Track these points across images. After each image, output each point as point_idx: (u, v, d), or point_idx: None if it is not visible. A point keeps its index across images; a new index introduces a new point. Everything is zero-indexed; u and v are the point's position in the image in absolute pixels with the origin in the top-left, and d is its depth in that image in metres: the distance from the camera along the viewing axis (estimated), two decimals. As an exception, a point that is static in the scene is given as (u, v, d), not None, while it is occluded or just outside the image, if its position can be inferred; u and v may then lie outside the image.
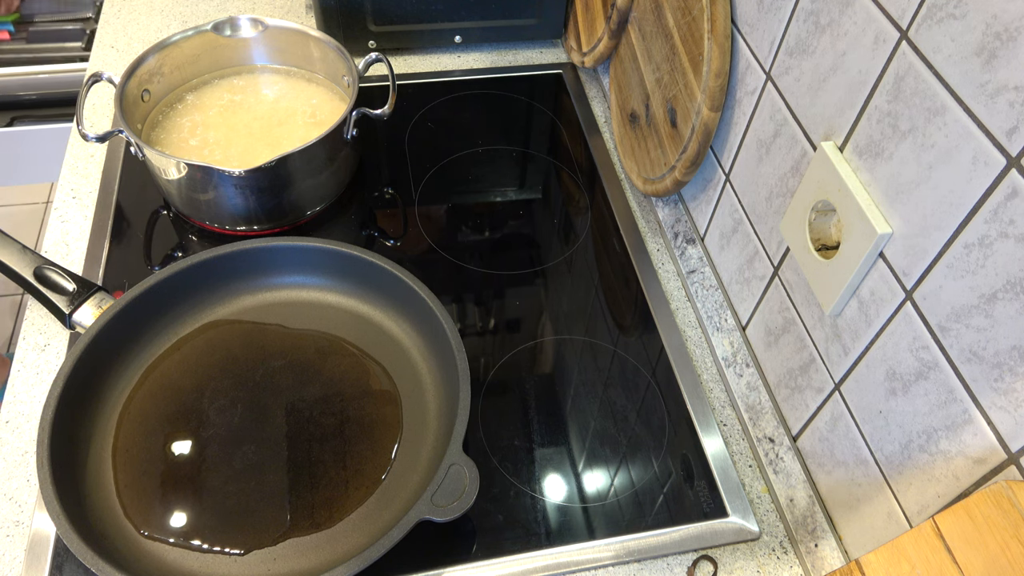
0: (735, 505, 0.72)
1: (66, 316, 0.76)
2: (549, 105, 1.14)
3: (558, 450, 0.76)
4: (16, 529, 0.68)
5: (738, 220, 0.80)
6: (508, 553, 0.69)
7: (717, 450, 0.76)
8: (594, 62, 1.08)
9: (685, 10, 0.81)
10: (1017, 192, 0.45)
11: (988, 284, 0.48)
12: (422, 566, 0.67)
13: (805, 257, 0.66)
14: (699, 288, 0.89)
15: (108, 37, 1.17)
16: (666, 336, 0.85)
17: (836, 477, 0.68)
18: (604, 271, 0.93)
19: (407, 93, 1.10)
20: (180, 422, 0.74)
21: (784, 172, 0.70)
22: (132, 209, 0.93)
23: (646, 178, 0.94)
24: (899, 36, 0.53)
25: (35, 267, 0.78)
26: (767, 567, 0.70)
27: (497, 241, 0.95)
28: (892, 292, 0.57)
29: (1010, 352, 0.47)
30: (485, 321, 0.87)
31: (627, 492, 0.73)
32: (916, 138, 0.53)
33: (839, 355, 0.65)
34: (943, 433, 0.54)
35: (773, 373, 0.77)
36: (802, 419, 0.72)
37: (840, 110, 0.61)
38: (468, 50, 1.20)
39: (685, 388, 0.81)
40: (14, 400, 0.77)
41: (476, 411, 0.78)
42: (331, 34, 0.97)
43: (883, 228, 0.56)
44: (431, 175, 1.01)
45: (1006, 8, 0.44)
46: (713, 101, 0.78)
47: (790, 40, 0.67)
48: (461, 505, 0.62)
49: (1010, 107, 0.45)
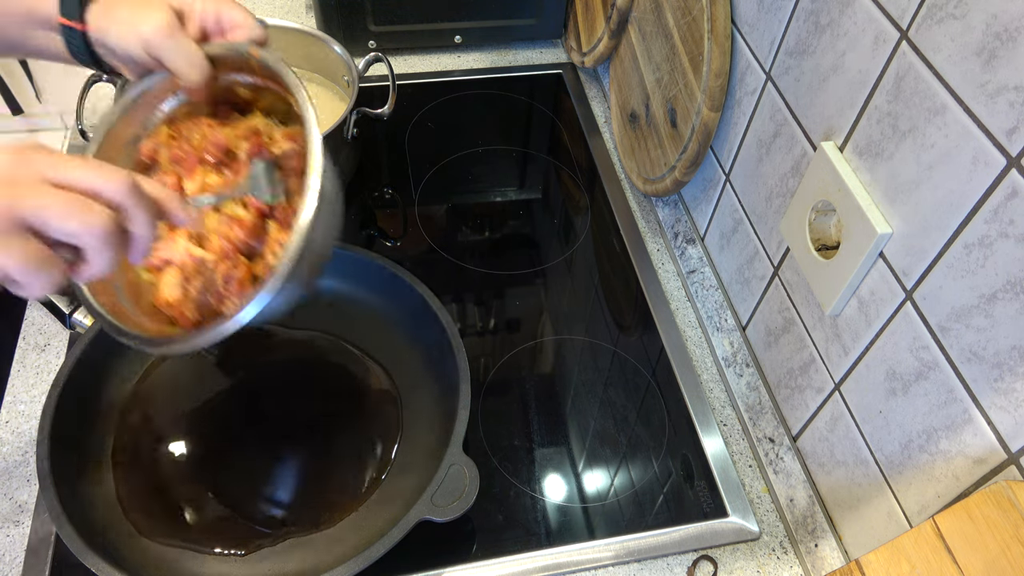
0: (735, 505, 0.72)
1: (66, 316, 0.76)
2: (549, 105, 1.14)
3: (558, 450, 0.76)
4: (16, 529, 0.68)
5: (738, 220, 0.80)
6: (508, 553, 0.69)
7: (717, 450, 0.76)
8: (594, 62, 1.08)
9: (685, 10, 0.81)
10: (1017, 192, 0.45)
11: (988, 284, 0.48)
12: (422, 566, 0.67)
13: (805, 257, 0.66)
14: (699, 288, 0.89)
15: (108, 37, 1.17)
16: (666, 336, 0.85)
17: (836, 477, 0.68)
18: (604, 271, 0.93)
19: (407, 93, 1.10)
20: (180, 422, 0.74)
21: (784, 172, 0.70)
22: (132, 209, 0.93)
23: (646, 178, 0.94)
24: (899, 36, 0.53)
25: (35, 267, 0.77)
26: (767, 567, 0.70)
27: (497, 241, 0.95)
28: (892, 292, 0.57)
29: (1010, 352, 0.47)
30: (485, 321, 0.87)
31: (627, 492, 0.73)
32: (916, 138, 0.53)
33: (839, 355, 0.65)
34: (943, 433, 0.54)
35: (773, 373, 0.77)
36: (802, 419, 0.72)
37: (840, 110, 0.61)
38: (468, 50, 1.20)
39: (685, 388, 0.81)
40: (14, 400, 0.77)
41: (476, 411, 0.78)
42: (331, 34, 0.97)
43: (883, 228, 0.56)
44: (431, 175, 1.01)
45: (1006, 8, 0.44)
46: (713, 101, 0.78)
47: (790, 40, 0.67)
48: (461, 505, 0.62)
49: (1010, 107, 0.45)
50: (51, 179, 0.41)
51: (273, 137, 0.62)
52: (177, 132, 0.63)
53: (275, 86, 0.61)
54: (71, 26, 0.56)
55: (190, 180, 0.61)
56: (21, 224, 0.39)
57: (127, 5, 0.57)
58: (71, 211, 0.40)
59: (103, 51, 0.58)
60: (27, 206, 0.39)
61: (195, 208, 0.58)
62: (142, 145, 0.62)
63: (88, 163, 0.43)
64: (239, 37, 0.58)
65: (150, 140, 0.63)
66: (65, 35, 0.57)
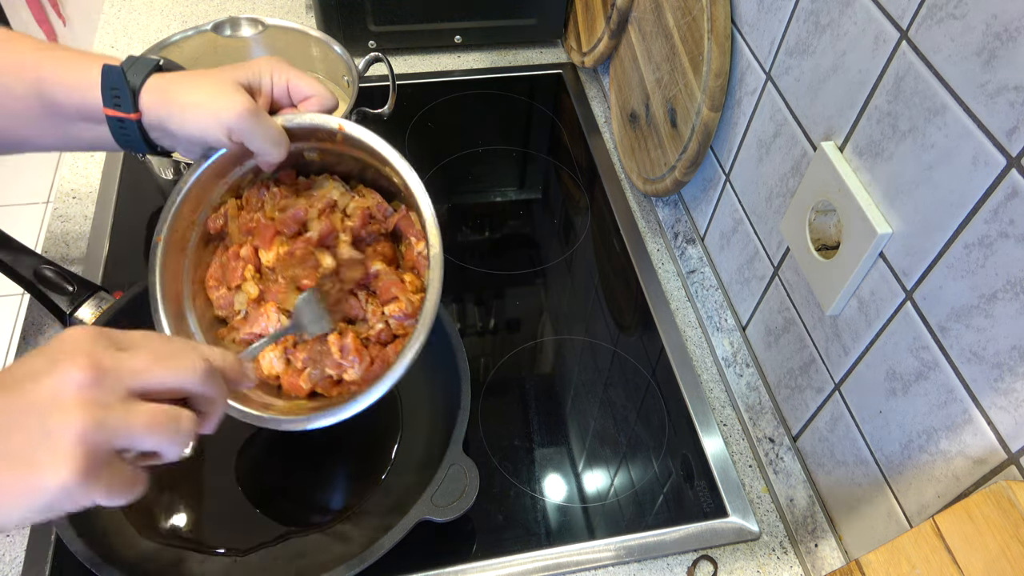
0: (735, 505, 0.72)
1: (66, 316, 0.76)
2: (549, 105, 1.14)
3: (558, 450, 0.76)
4: (16, 529, 0.68)
5: (738, 220, 0.80)
6: (508, 553, 0.69)
7: (717, 450, 0.76)
8: (594, 62, 1.08)
9: (685, 10, 0.81)
10: (1017, 192, 0.45)
11: (988, 284, 0.48)
12: (422, 566, 0.67)
13: (805, 257, 0.66)
14: (699, 288, 0.89)
15: (108, 37, 1.17)
16: (666, 336, 0.85)
17: (836, 477, 0.68)
18: (604, 271, 0.93)
19: (407, 93, 1.10)
20: (180, 422, 0.74)
21: (784, 172, 0.70)
22: (132, 209, 0.93)
23: (646, 178, 0.94)
24: (899, 36, 0.53)
25: (35, 267, 0.78)
26: (767, 567, 0.70)
27: (497, 241, 0.95)
28: (892, 292, 0.57)
29: (1010, 352, 0.47)
30: (485, 321, 0.87)
31: (627, 492, 0.73)
32: (916, 138, 0.53)
33: (839, 355, 0.65)
34: (943, 433, 0.54)
35: (773, 373, 0.77)
36: (802, 419, 0.72)
37: (840, 110, 0.61)
38: (468, 50, 1.20)
39: (685, 388, 0.81)
40: (14, 400, 0.76)
41: (476, 411, 0.78)
42: (331, 34, 0.97)
43: (883, 228, 0.56)
44: (431, 175, 1.01)
45: (1006, 8, 0.44)
46: (713, 101, 0.78)
47: (790, 40, 0.67)
48: (461, 505, 0.62)
49: (1010, 107, 0.45)
50: (135, 391, 0.40)
51: (347, 211, 0.64)
52: (246, 202, 0.64)
53: (357, 153, 0.62)
54: (122, 117, 0.55)
55: (267, 251, 0.62)
56: (112, 450, 0.39)
57: (192, 88, 0.55)
58: (156, 430, 0.40)
59: (159, 135, 0.57)
60: (119, 434, 0.38)
61: (251, 364, 0.60)
62: (208, 221, 0.64)
63: (161, 363, 0.41)
64: (312, 108, 0.58)
65: (217, 215, 0.64)
66: (114, 126, 0.55)
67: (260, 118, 0.55)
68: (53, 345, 0.39)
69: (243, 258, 0.63)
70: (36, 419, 0.37)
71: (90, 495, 0.37)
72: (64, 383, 0.37)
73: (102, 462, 0.37)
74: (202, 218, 0.64)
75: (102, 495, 0.38)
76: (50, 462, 0.36)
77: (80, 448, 0.36)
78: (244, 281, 0.63)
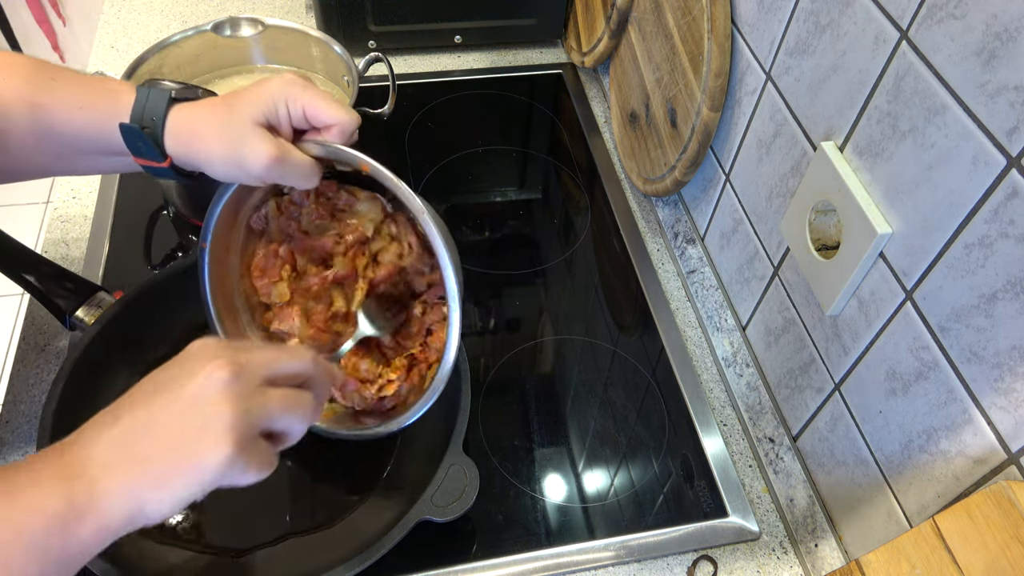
0: (735, 505, 0.72)
1: (66, 316, 0.76)
2: (549, 105, 1.14)
3: (558, 450, 0.76)
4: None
5: (738, 220, 0.80)
6: (508, 553, 0.69)
7: (717, 450, 0.76)
8: (594, 62, 1.08)
9: (685, 10, 0.81)
10: (1017, 192, 0.45)
11: (988, 284, 0.48)
12: (422, 566, 0.67)
13: (805, 257, 0.66)
14: (699, 288, 0.89)
15: (108, 37, 1.17)
16: (666, 336, 0.85)
17: (836, 477, 0.68)
18: (604, 271, 0.93)
19: (407, 93, 1.10)
20: (180, 422, 0.74)
21: (784, 172, 0.70)
22: (132, 209, 0.93)
23: (646, 178, 0.94)
24: (899, 36, 0.53)
25: (35, 267, 0.77)
26: (767, 567, 0.70)
27: (497, 241, 0.95)
28: (892, 292, 0.57)
29: (1010, 352, 0.47)
30: (485, 321, 0.87)
31: (627, 492, 0.73)
32: (916, 138, 0.53)
33: (839, 355, 0.65)
34: (943, 433, 0.54)
35: (773, 373, 0.77)
36: (802, 419, 0.72)
37: (840, 110, 0.61)
38: (468, 50, 1.20)
39: (685, 388, 0.81)
40: (14, 400, 0.77)
41: (476, 411, 0.78)
42: (331, 34, 0.97)
43: (883, 228, 0.56)
44: (431, 175, 1.01)
45: (1006, 8, 0.44)
46: (713, 101, 0.78)
47: (790, 40, 0.67)
48: (461, 505, 0.62)
49: (1010, 107, 0.45)
50: (267, 379, 0.47)
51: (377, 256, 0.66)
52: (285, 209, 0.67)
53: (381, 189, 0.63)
54: (154, 165, 0.58)
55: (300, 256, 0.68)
56: (256, 433, 0.46)
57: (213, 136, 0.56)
58: (289, 408, 0.47)
59: (189, 166, 0.59)
60: (261, 417, 0.46)
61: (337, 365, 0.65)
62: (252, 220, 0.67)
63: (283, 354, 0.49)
64: (334, 138, 0.58)
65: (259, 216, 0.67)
66: (151, 171, 0.58)
67: (287, 162, 0.56)
68: (187, 355, 0.47)
69: (281, 256, 0.67)
70: (193, 413, 0.44)
71: (242, 471, 0.44)
72: (212, 381, 0.44)
73: (250, 443, 0.45)
74: (244, 218, 0.67)
75: (251, 471, 0.45)
76: (213, 446, 0.43)
77: (233, 433, 0.43)
78: (279, 281, 0.67)
